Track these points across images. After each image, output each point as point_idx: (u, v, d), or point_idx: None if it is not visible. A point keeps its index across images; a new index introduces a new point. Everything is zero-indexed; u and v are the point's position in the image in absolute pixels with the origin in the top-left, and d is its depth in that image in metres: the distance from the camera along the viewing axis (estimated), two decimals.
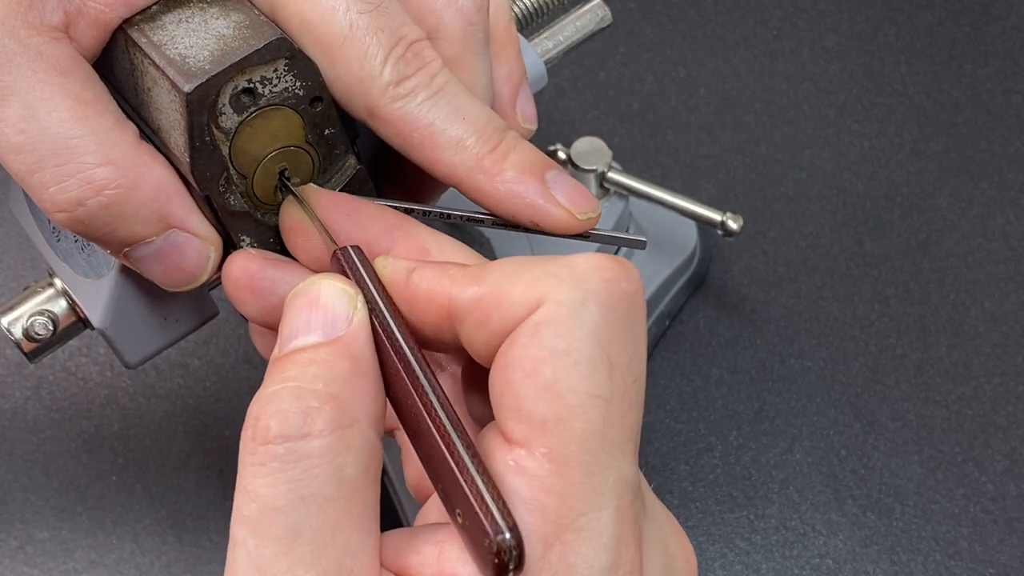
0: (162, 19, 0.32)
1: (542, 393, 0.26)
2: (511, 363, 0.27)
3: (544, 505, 0.26)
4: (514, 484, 0.26)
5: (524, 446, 0.27)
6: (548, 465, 0.26)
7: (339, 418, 0.27)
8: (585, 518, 0.26)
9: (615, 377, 0.27)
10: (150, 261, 0.33)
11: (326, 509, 0.26)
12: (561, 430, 0.26)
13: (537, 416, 0.26)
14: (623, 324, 0.27)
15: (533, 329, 0.27)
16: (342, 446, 0.26)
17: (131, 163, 0.31)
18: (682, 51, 0.68)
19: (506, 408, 0.27)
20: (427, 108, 0.32)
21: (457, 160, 0.32)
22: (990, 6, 0.70)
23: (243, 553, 0.26)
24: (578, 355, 0.27)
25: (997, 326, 0.58)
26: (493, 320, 0.28)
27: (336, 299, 0.28)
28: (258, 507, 0.26)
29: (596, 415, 0.27)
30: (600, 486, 0.27)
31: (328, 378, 0.27)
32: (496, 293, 0.28)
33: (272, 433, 0.26)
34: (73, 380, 0.57)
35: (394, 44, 0.32)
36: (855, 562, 0.51)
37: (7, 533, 0.52)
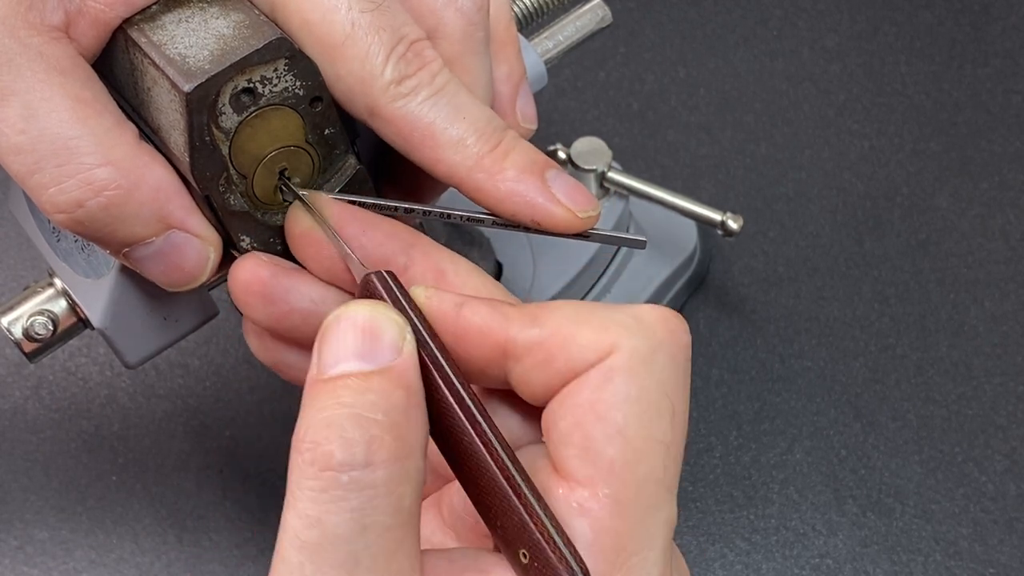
0: (162, 19, 0.32)
1: (613, 436, 0.28)
2: (582, 405, 0.28)
3: (603, 546, 0.27)
4: (577, 526, 0.27)
5: (588, 487, 0.28)
6: (610, 507, 0.27)
7: (399, 449, 0.27)
8: (637, 558, 0.27)
9: (676, 424, 0.29)
10: (150, 261, 0.33)
11: (385, 538, 0.26)
12: (627, 473, 0.28)
13: (606, 458, 0.27)
14: (683, 374, 0.29)
15: (606, 374, 0.28)
16: (402, 477, 0.27)
17: (131, 164, 0.31)
18: (682, 51, 0.68)
19: (573, 447, 0.28)
20: (428, 107, 0.32)
21: (458, 159, 0.32)
22: (990, 6, 0.69)
23: None
24: (648, 403, 0.28)
25: (997, 326, 0.58)
26: (558, 362, 0.28)
27: (386, 327, 0.28)
28: (319, 533, 0.26)
29: (658, 460, 0.28)
30: (652, 528, 0.28)
31: (387, 408, 0.27)
32: (560, 336, 0.29)
33: (335, 460, 0.26)
34: (73, 380, 0.57)
35: (395, 43, 0.32)
36: (855, 562, 0.51)
37: (7, 533, 0.52)
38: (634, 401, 0.28)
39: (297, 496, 0.26)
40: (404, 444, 0.27)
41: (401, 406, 0.27)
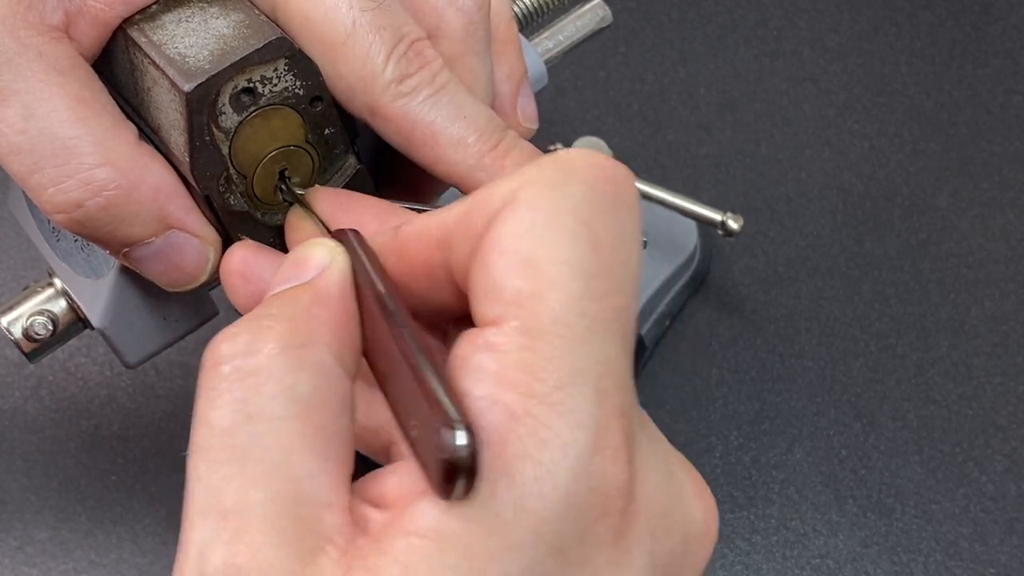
0: (162, 18, 0.32)
1: (517, 266, 0.24)
2: (486, 245, 0.25)
3: (513, 379, 0.24)
4: (480, 361, 0.24)
5: (496, 324, 0.24)
6: (520, 339, 0.24)
7: (290, 338, 0.25)
8: (560, 393, 0.24)
9: (599, 253, 0.25)
10: (150, 261, 0.33)
11: (277, 428, 0.24)
12: (535, 302, 0.24)
13: (511, 290, 0.24)
14: (610, 204, 0.25)
15: (512, 208, 0.25)
16: (293, 364, 0.25)
17: (130, 164, 0.31)
18: (682, 51, 0.68)
19: (480, 293, 0.25)
20: (429, 106, 0.32)
21: (458, 158, 0.32)
22: (990, 6, 0.69)
23: (195, 482, 0.25)
24: (558, 229, 0.25)
25: (997, 326, 0.58)
26: (478, 222, 0.25)
27: (314, 252, 0.28)
28: (207, 431, 0.25)
29: (575, 287, 0.24)
30: (578, 362, 0.24)
31: (284, 305, 0.26)
32: (479, 198, 0.26)
33: (221, 354, 0.25)
34: (73, 380, 0.57)
35: (396, 42, 0.32)
36: (855, 562, 0.51)
37: (7, 533, 0.52)
38: (540, 227, 0.24)
39: (195, 407, 0.25)
40: (298, 335, 0.25)
41: (303, 304, 0.26)
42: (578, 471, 0.23)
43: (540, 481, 0.23)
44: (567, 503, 0.23)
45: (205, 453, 0.25)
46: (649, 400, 0.56)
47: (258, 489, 0.24)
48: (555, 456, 0.23)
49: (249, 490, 0.24)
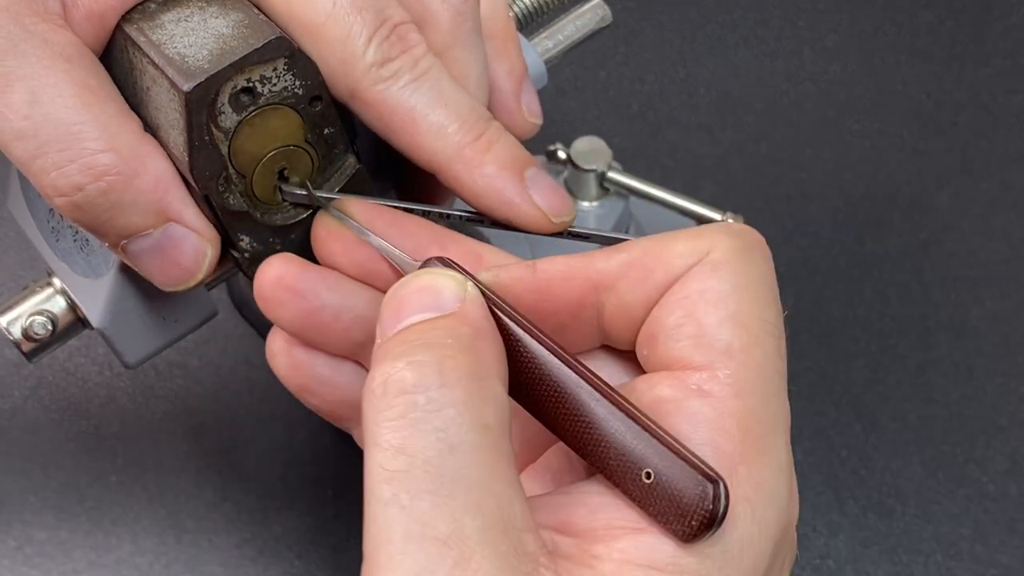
0: (161, 18, 0.32)
1: (726, 321, 0.27)
2: (691, 296, 0.27)
3: (728, 426, 0.26)
4: (696, 407, 0.26)
5: (705, 370, 0.27)
6: (731, 387, 0.26)
7: (474, 369, 0.26)
8: (764, 441, 0.26)
9: (779, 315, 0.28)
10: (147, 256, 0.33)
11: (478, 457, 0.25)
12: (745, 355, 0.27)
13: (722, 342, 0.27)
14: (773, 272, 0.29)
15: (712, 267, 0.28)
16: (482, 396, 0.26)
17: (132, 152, 0.31)
18: (682, 51, 0.68)
19: (685, 338, 0.27)
20: (409, 92, 0.32)
21: (437, 147, 0.32)
22: (991, 6, 0.69)
23: (397, 510, 0.24)
24: (756, 291, 0.28)
25: (998, 326, 0.58)
26: (657, 273, 0.28)
27: (444, 283, 0.28)
28: (406, 460, 0.24)
29: (772, 346, 0.28)
30: (775, 414, 0.27)
31: (455, 336, 0.26)
32: (654, 252, 0.28)
33: (409, 384, 0.25)
34: (72, 380, 0.56)
35: (379, 25, 0.31)
36: (856, 562, 0.51)
37: (6, 533, 0.52)
38: (743, 289, 0.27)
39: (376, 433, 0.25)
40: (479, 365, 0.26)
41: (468, 337, 0.26)
42: (781, 512, 0.27)
43: (757, 522, 0.26)
44: (775, 540, 0.26)
45: (408, 482, 0.24)
46: None
47: (473, 516, 0.24)
48: (766, 499, 0.26)
49: (465, 518, 0.24)
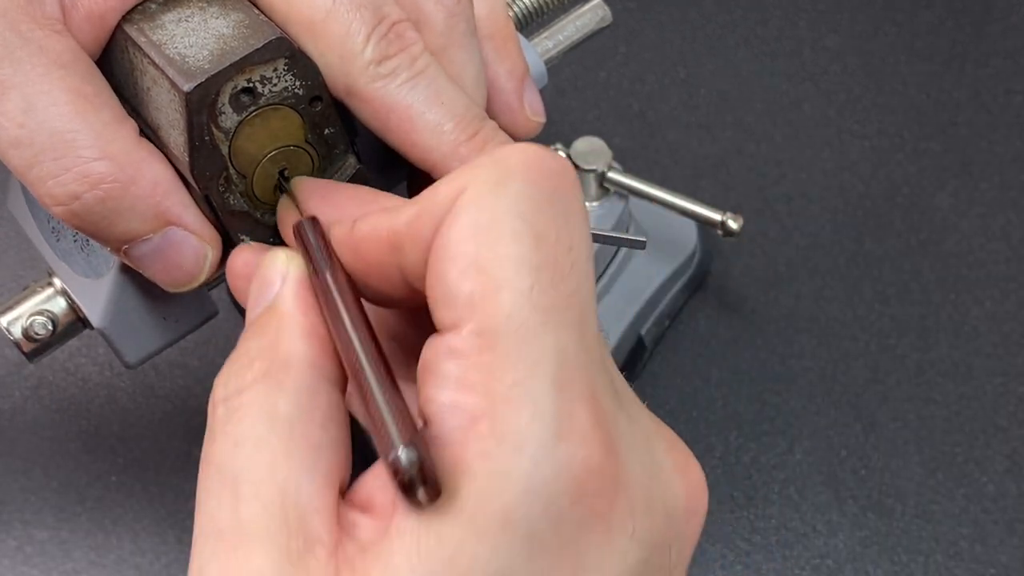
0: (161, 18, 0.32)
1: (466, 271, 0.25)
2: (436, 251, 0.26)
3: (473, 381, 0.25)
4: (443, 367, 0.25)
5: (454, 329, 0.25)
6: (477, 341, 0.25)
7: (267, 367, 0.27)
8: (517, 388, 0.25)
9: (543, 246, 0.26)
10: (149, 259, 0.33)
11: (260, 448, 0.26)
12: (486, 302, 0.25)
13: (463, 294, 0.25)
14: (547, 196, 0.26)
15: (455, 214, 0.26)
16: (271, 389, 0.27)
17: (128, 158, 0.31)
18: (682, 51, 0.68)
19: (436, 299, 0.26)
20: (407, 90, 0.32)
21: (433, 144, 0.32)
22: (990, 6, 0.69)
23: (198, 514, 0.27)
24: (499, 228, 0.26)
25: (998, 326, 0.58)
26: (425, 228, 0.27)
27: (268, 267, 0.29)
28: (205, 467, 0.27)
29: (523, 283, 0.25)
30: (533, 354, 0.25)
31: (259, 336, 0.28)
32: (423, 203, 0.27)
33: (215, 399, 0.27)
34: (73, 380, 0.57)
35: (377, 22, 0.32)
36: (855, 562, 0.51)
37: (7, 533, 0.52)
38: (483, 229, 0.25)
39: (204, 451, 0.27)
40: (274, 362, 0.27)
41: (272, 331, 0.28)
42: (539, 460, 0.24)
43: (499, 474, 0.24)
44: (530, 491, 0.24)
45: (204, 484, 0.27)
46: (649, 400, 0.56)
47: (248, 505, 0.26)
48: (512, 449, 0.24)
49: (240, 508, 0.26)
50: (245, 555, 0.25)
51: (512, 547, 0.24)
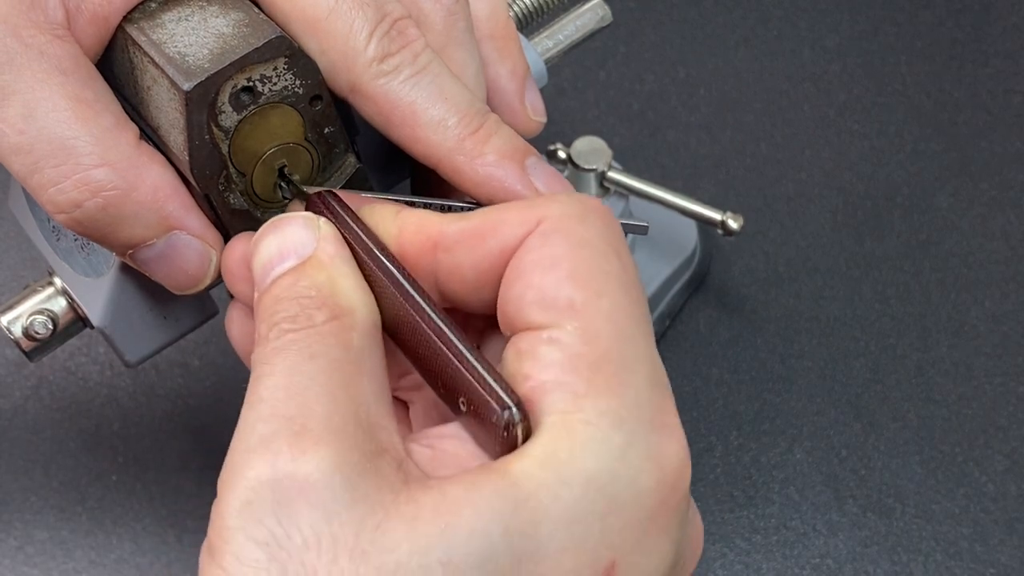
0: (161, 17, 0.32)
1: (566, 280, 0.27)
2: (526, 266, 0.28)
3: (577, 366, 0.27)
4: (545, 352, 0.27)
5: (555, 326, 0.27)
6: (580, 335, 0.27)
7: (336, 311, 0.28)
8: (617, 378, 0.27)
9: (627, 268, 0.28)
10: (154, 264, 0.33)
11: (336, 368, 0.27)
12: (588, 307, 0.27)
13: (564, 299, 0.27)
14: (619, 233, 0.29)
15: (543, 235, 0.28)
16: (346, 327, 0.28)
17: (128, 164, 0.31)
18: (682, 51, 0.68)
19: (528, 304, 0.28)
20: (410, 86, 0.32)
21: (437, 140, 0.32)
22: (990, 6, 0.69)
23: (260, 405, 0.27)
24: (592, 249, 0.28)
25: (998, 326, 0.58)
26: (489, 242, 0.29)
27: (296, 226, 0.30)
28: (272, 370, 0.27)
29: (619, 294, 0.28)
30: (630, 354, 0.27)
31: (314, 284, 0.28)
32: (489, 222, 0.29)
33: (284, 327, 0.28)
34: (73, 380, 0.57)
35: (379, 20, 0.32)
36: (855, 562, 0.51)
37: (7, 533, 0.52)
38: (577, 248, 0.28)
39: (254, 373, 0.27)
40: (340, 306, 0.28)
41: (326, 281, 0.29)
42: (635, 440, 0.26)
43: (597, 440, 0.26)
44: (620, 462, 0.26)
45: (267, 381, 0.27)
46: None
47: (321, 403, 0.26)
48: (612, 423, 0.26)
49: (314, 403, 0.26)
50: (316, 439, 0.25)
51: (593, 503, 0.26)
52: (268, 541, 0.25)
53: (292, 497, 0.25)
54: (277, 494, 0.25)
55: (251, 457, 0.25)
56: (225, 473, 0.26)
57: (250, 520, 0.25)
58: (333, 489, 0.25)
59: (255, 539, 0.25)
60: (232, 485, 0.25)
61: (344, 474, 0.25)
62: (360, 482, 0.25)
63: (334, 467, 0.25)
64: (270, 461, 0.25)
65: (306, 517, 0.25)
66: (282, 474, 0.25)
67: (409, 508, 0.25)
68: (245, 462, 0.26)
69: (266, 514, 0.25)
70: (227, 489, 0.26)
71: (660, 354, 0.58)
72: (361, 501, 0.25)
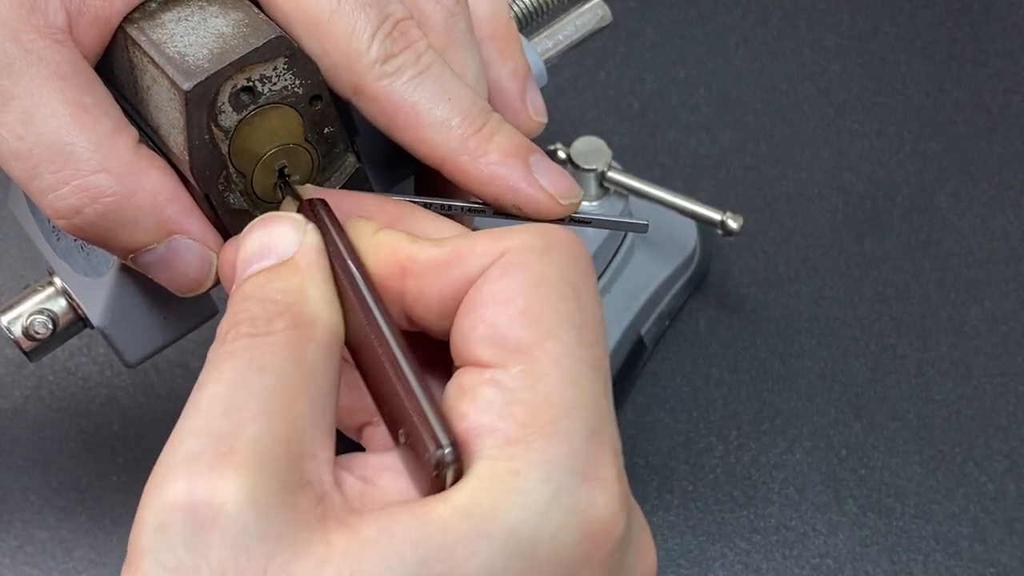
0: (161, 17, 0.32)
1: (517, 318, 0.27)
2: (482, 298, 0.28)
3: (514, 412, 0.26)
4: (486, 393, 0.27)
5: (500, 366, 0.27)
6: (522, 379, 0.27)
7: (298, 319, 0.28)
8: (553, 425, 0.26)
9: (584, 310, 0.28)
10: (156, 268, 0.33)
11: (282, 384, 0.26)
12: (537, 350, 0.27)
13: (512, 339, 0.27)
14: (584, 270, 0.29)
15: (503, 267, 0.28)
16: (301, 338, 0.27)
17: (127, 169, 0.31)
18: (682, 51, 0.68)
19: (477, 340, 0.27)
20: (413, 87, 0.32)
21: (441, 140, 0.32)
22: (990, 6, 0.70)
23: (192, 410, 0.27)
24: (549, 287, 0.28)
25: (997, 326, 0.58)
26: (454, 271, 0.28)
27: (284, 226, 0.30)
28: (218, 376, 0.27)
29: (569, 337, 0.27)
30: (572, 401, 0.27)
31: (284, 288, 0.28)
32: (457, 251, 0.29)
33: (242, 329, 0.27)
34: (73, 380, 0.57)
35: (382, 21, 0.32)
36: (855, 562, 0.51)
37: (7, 533, 0.52)
38: (534, 285, 0.28)
39: (211, 362, 0.27)
40: (304, 315, 0.28)
41: (297, 286, 0.28)
42: (562, 492, 0.26)
43: (522, 492, 0.25)
44: (544, 516, 0.25)
45: (209, 390, 0.27)
46: (649, 400, 0.56)
47: (257, 424, 0.26)
48: (541, 475, 0.26)
49: (248, 423, 0.26)
50: (239, 464, 0.25)
51: (510, 559, 0.25)
52: (176, 569, 0.24)
53: (204, 526, 0.24)
54: (190, 521, 0.25)
55: (173, 475, 0.25)
56: (149, 484, 0.26)
57: (162, 545, 0.25)
58: (245, 521, 0.24)
59: (164, 565, 0.24)
60: (150, 503, 0.25)
61: (259, 506, 0.25)
62: (274, 516, 0.25)
63: (250, 498, 0.25)
64: (189, 483, 0.25)
65: (216, 549, 0.24)
66: (198, 500, 0.25)
67: (319, 549, 0.25)
68: (166, 479, 0.25)
69: (177, 541, 0.24)
70: (146, 506, 0.25)
71: (660, 354, 0.58)
72: (273, 537, 0.24)
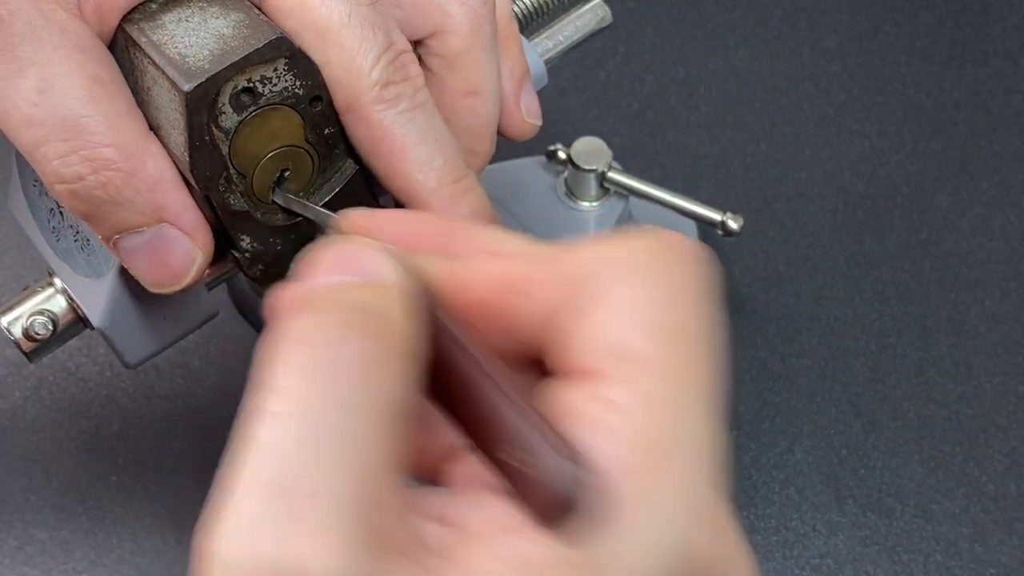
0: (162, 18, 0.32)
1: (640, 329, 0.25)
2: (603, 303, 0.25)
3: (628, 438, 0.24)
4: (601, 415, 0.24)
5: (616, 381, 0.24)
6: (640, 400, 0.24)
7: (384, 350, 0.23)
8: (667, 458, 0.24)
9: (709, 327, 0.26)
10: (138, 253, 0.33)
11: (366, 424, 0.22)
12: (659, 367, 0.24)
13: (634, 351, 0.24)
14: (708, 279, 0.26)
15: (629, 276, 0.25)
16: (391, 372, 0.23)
17: (135, 148, 0.31)
18: (682, 51, 0.68)
19: (597, 347, 0.25)
20: (405, 120, 0.32)
21: (420, 178, 0.32)
22: (990, 6, 0.69)
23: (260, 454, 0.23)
24: (676, 298, 0.25)
25: (998, 326, 0.58)
26: (565, 278, 0.25)
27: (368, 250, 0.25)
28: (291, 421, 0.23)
29: (692, 358, 0.25)
30: (687, 430, 0.25)
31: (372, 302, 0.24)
32: (564, 255, 0.26)
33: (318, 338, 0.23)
34: (73, 380, 0.57)
35: (387, 46, 0.32)
36: (855, 562, 0.51)
37: (7, 533, 0.52)
38: (662, 295, 0.25)
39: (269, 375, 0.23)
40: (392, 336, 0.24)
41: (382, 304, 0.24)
42: (676, 536, 0.24)
43: (637, 540, 0.24)
44: (659, 563, 0.24)
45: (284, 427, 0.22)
46: None
47: (333, 478, 0.22)
48: (656, 518, 0.24)
49: (323, 475, 0.22)
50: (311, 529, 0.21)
51: None
52: None
53: None
54: None
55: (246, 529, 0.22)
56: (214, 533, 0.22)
57: None
58: None
59: None
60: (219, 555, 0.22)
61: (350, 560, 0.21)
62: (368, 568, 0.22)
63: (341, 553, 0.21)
64: (268, 539, 0.21)
65: None
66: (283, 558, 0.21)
67: None
68: (238, 530, 0.22)
69: None
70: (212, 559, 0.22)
71: None
72: None
